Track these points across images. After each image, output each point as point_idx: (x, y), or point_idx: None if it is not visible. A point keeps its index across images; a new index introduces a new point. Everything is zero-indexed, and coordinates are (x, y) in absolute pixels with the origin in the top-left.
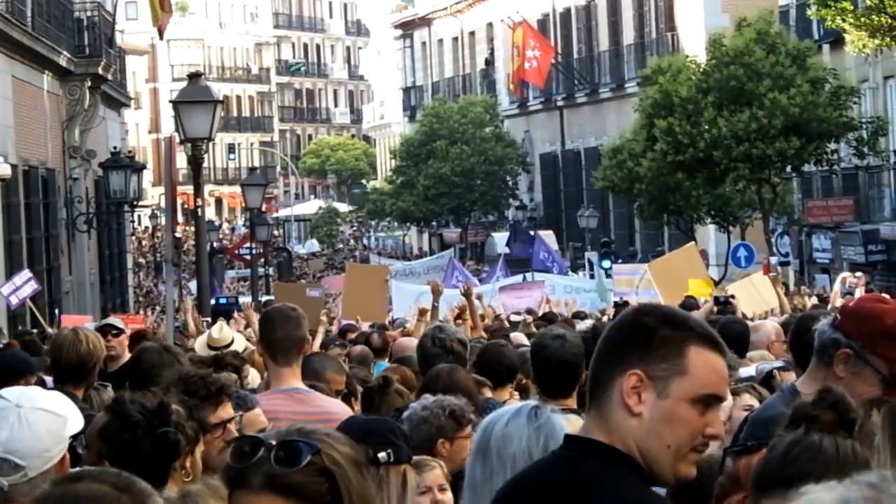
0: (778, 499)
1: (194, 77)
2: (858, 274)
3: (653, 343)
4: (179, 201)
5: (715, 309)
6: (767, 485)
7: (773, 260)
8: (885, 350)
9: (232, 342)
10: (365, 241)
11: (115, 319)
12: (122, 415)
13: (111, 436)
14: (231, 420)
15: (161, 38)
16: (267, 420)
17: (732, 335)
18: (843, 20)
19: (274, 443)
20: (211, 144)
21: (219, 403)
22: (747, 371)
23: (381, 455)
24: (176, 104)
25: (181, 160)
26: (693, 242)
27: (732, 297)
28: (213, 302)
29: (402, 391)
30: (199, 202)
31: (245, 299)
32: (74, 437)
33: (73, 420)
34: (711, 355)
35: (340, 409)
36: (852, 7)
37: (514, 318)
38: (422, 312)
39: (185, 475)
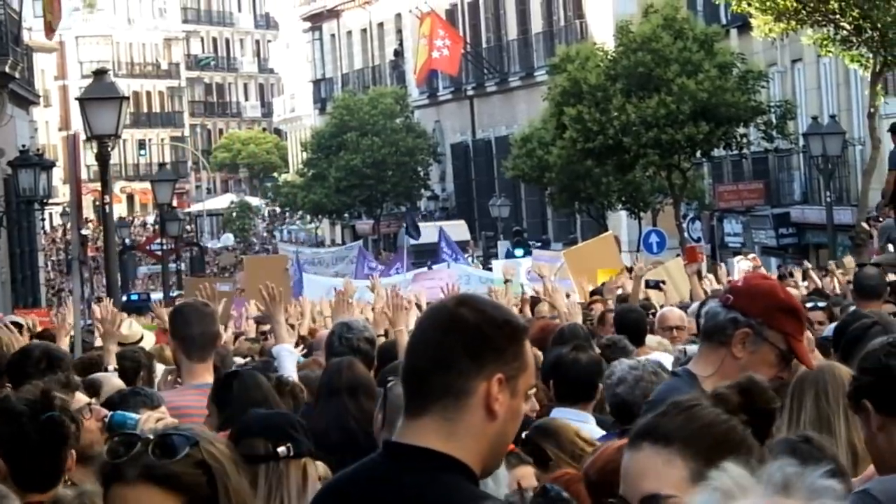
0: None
1: (100, 74)
2: (752, 255)
3: (504, 342)
4: (91, 198)
5: (644, 291)
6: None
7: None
8: (782, 324)
9: (142, 339)
10: (278, 234)
11: (17, 317)
12: (5, 408)
13: None
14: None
15: (49, 38)
16: (179, 415)
17: (629, 323)
18: (749, 4)
19: (151, 437)
20: (121, 141)
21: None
22: (659, 356)
23: (281, 449)
24: (82, 101)
25: (90, 157)
26: (610, 232)
27: (663, 282)
28: (124, 299)
29: (297, 392)
30: (107, 199)
31: (157, 296)
32: None
33: None
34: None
35: None
36: None
37: None
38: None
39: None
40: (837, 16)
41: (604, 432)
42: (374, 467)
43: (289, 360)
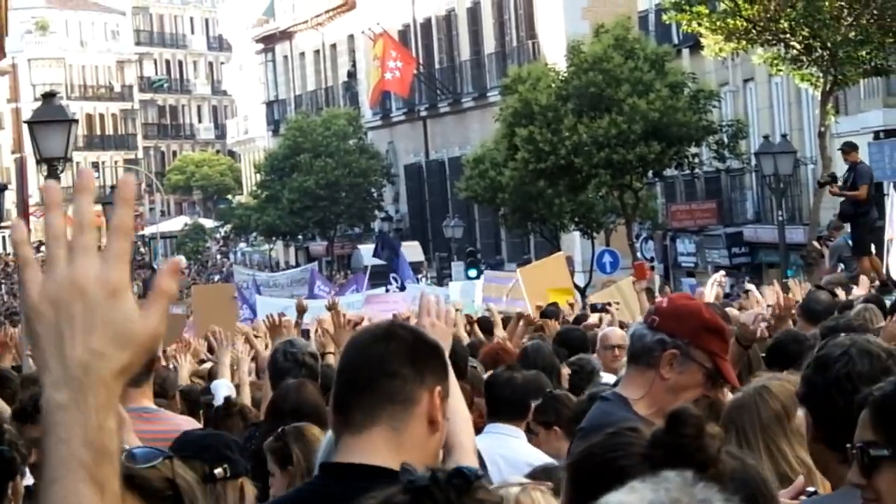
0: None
1: (48, 96)
2: (723, 272)
3: (438, 360)
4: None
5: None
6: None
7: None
8: (708, 343)
9: None
10: (231, 257)
11: None
12: None
13: None
14: None
15: None
16: None
17: (574, 342)
18: (699, 24)
19: (126, 447)
20: (74, 163)
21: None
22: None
23: (218, 471)
24: (31, 124)
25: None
26: (562, 252)
27: (611, 304)
28: None
29: (247, 412)
30: None
31: None
32: None
33: None
34: None
35: (188, 426)
36: (707, 11)
37: None
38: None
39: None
40: (787, 35)
41: (533, 448)
42: (321, 490)
43: (223, 394)
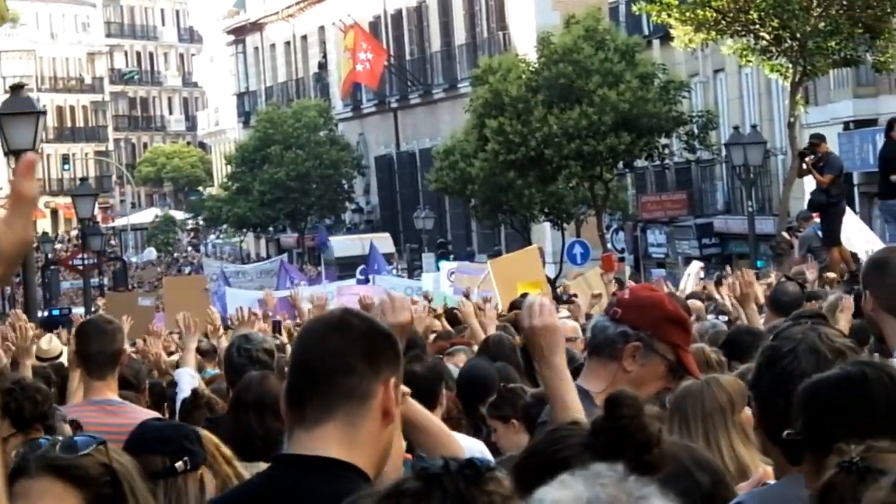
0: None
1: (16, 88)
2: (701, 263)
3: (391, 349)
4: None
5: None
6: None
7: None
8: (671, 335)
9: (60, 354)
10: (202, 248)
11: None
12: None
13: None
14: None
15: None
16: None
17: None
18: (669, 15)
19: (60, 438)
20: (45, 156)
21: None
22: None
23: (178, 465)
24: None
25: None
26: (535, 245)
27: (574, 296)
28: (46, 314)
29: (213, 403)
30: None
31: (78, 310)
32: None
33: None
34: None
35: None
36: (677, 2)
37: None
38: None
39: None
40: (757, 26)
41: (466, 437)
42: (274, 482)
43: (187, 383)
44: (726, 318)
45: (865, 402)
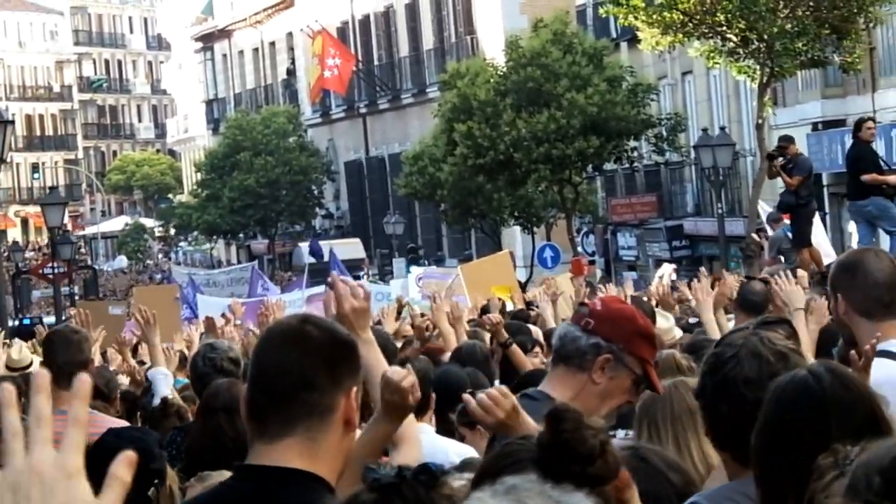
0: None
1: None
2: (674, 266)
3: (352, 356)
4: None
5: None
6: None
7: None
8: (640, 349)
9: (31, 364)
10: (172, 256)
11: None
12: None
13: None
14: None
15: None
16: None
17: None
18: (636, 18)
19: None
20: (14, 164)
21: None
22: None
23: (151, 492)
24: None
25: None
26: (507, 251)
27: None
28: (17, 323)
29: (183, 412)
30: None
31: (49, 319)
32: None
33: None
34: None
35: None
36: (644, 4)
37: None
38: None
39: None
40: (724, 28)
41: (449, 440)
42: (236, 492)
43: (163, 384)
44: (696, 320)
45: (820, 407)
